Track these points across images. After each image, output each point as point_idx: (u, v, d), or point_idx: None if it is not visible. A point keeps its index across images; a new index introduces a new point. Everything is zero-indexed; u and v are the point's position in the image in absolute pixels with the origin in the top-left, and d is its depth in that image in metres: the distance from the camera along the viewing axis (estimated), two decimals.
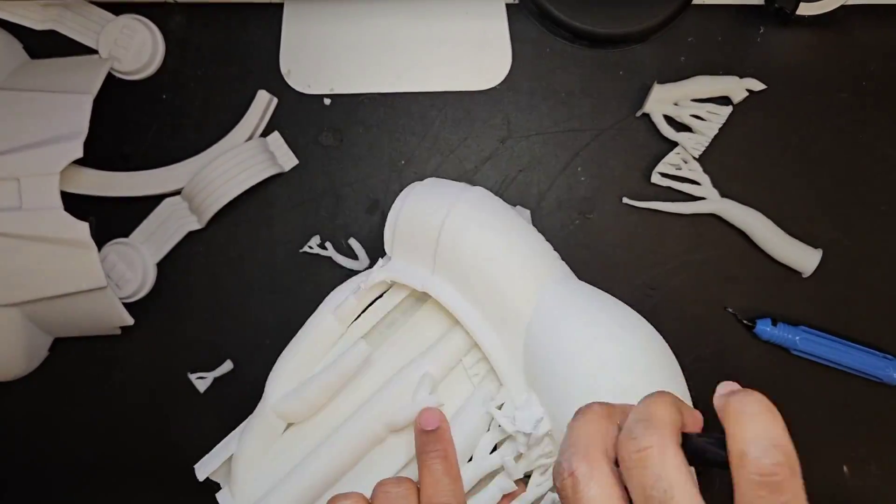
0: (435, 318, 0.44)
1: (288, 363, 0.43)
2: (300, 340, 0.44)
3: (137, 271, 0.51)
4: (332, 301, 0.44)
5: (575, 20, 0.53)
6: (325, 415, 0.43)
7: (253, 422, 0.43)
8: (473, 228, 0.41)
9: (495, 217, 0.41)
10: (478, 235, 0.40)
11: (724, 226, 0.54)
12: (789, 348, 0.53)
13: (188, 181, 0.52)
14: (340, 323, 0.44)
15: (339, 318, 0.44)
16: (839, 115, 0.55)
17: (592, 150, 0.55)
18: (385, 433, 0.42)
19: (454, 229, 0.40)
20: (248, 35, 0.55)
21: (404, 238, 0.42)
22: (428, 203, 0.42)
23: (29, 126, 0.47)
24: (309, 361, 0.43)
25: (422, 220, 0.41)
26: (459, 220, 0.41)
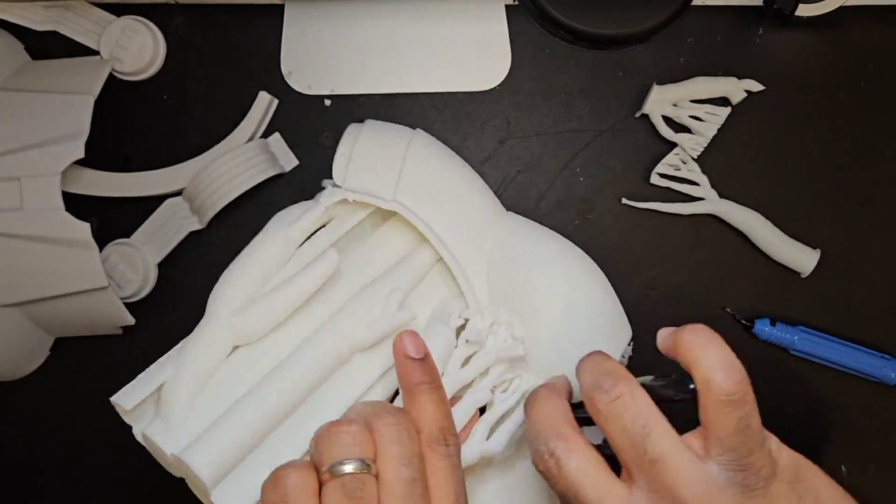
0: (396, 238, 0.43)
1: (236, 279, 0.39)
2: (248, 257, 0.40)
3: (139, 271, 0.52)
4: (283, 220, 0.42)
5: (574, 21, 0.53)
6: (280, 335, 0.39)
7: (194, 343, 0.38)
8: (439, 152, 0.43)
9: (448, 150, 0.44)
10: (444, 159, 0.43)
11: (723, 226, 0.54)
12: (788, 348, 0.53)
13: (189, 182, 0.52)
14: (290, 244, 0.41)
15: (292, 237, 0.41)
16: (838, 116, 0.55)
17: (592, 150, 0.55)
18: (349, 353, 0.39)
19: (421, 152, 0.42)
20: (249, 36, 0.55)
21: (362, 163, 0.41)
22: (388, 131, 0.43)
23: (30, 127, 0.47)
24: (256, 280, 0.39)
25: (385, 144, 0.42)
26: (422, 147, 0.43)
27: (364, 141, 0.43)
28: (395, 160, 0.42)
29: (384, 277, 0.42)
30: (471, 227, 0.42)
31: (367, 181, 0.41)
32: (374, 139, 0.43)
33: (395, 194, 0.41)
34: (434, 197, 0.41)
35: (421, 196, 0.41)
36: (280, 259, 0.40)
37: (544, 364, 0.41)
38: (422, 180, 0.42)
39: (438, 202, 0.41)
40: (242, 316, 0.38)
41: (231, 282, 0.39)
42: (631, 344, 0.44)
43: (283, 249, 0.40)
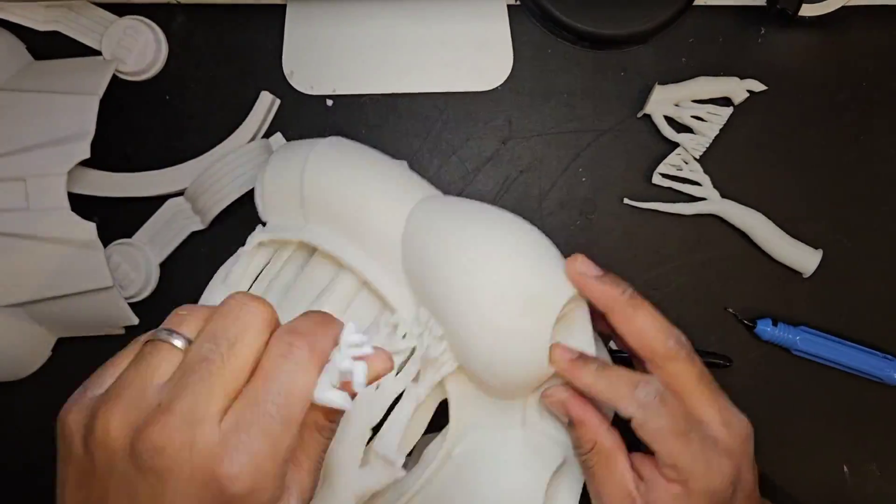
0: (321, 266, 0.43)
1: None
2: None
3: (141, 271, 0.52)
4: (220, 274, 0.43)
5: (576, 21, 0.53)
6: None
7: None
8: (330, 170, 0.42)
9: (349, 156, 0.42)
10: (335, 175, 0.41)
11: (725, 226, 0.54)
12: (790, 348, 0.53)
13: (191, 182, 0.52)
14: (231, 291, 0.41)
15: (230, 287, 0.42)
16: (840, 116, 0.55)
17: (593, 150, 0.55)
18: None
19: (313, 177, 0.41)
20: (251, 36, 0.55)
21: (272, 200, 0.42)
22: (285, 161, 0.43)
23: (35, 127, 0.47)
24: None
25: (283, 177, 0.42)
26: (316, 167, 0.42)
27: (269, 172, 0.42)
28: (295, 186, 0.41)
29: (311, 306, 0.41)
30: (378, 238, 0.41)
31: (278, 216, 0.42)
32: (276, 167, 0.42)
33: (305, 222, 0.41)
34: (337, 217, 0.41)
35: (324, 219, 0.41)
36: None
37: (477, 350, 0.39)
38: (322, 202, 0.41)
39: (342, 221, 0.41)
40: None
41: None
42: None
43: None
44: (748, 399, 0.54)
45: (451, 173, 0.55)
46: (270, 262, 0.45)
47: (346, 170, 0.41)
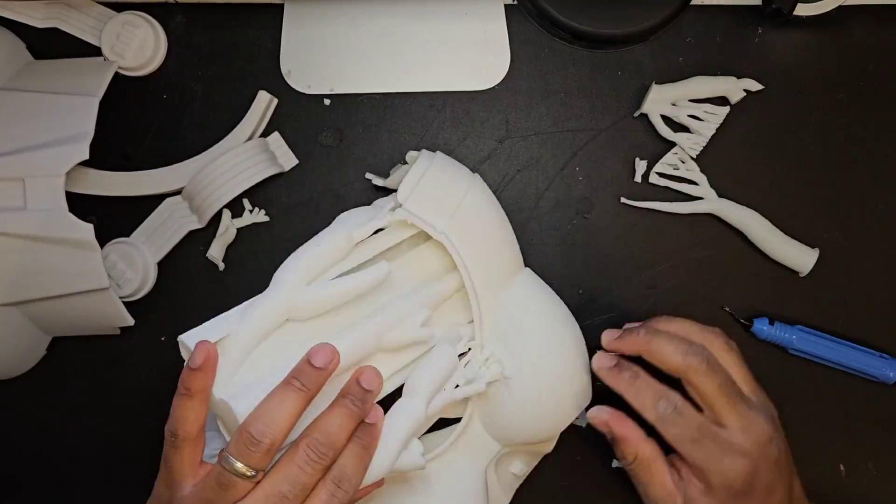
0: (431, 259, 0.49)
1: (301, 262, 0.44)
2: (315, 246, 0.45)
3: (138, 270, 0.52)
4: (348, 221, 0.47)
5: (573, 21, 0.53)
6: (325, 319, 0.44)
7: (257, 307, 0.43)
8: (490, 202, 0.49)
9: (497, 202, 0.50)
10: (492, 209, 0.49)
11: (722, 225, 0.54)
12: (786, 347, 0.54)
13: (189, 181, 0.52)
14: (351, 242, 0.46)
15: (354, 237, 0.46)
16: (836, 116, 0.55)
17: (590, 150, 0.55)
18: (374, 350, 0.44)
19: (477, 197, 0.48)
20: (249, 35, 0.55)
21: (426, 192, 0.47)
22: (455, 169, 0.49)
23: (34, 127, 0.47)
24: (319, 267, 0.45)
25: (449, 180, 0.48)
26: (480, 192, 0.49)
27: (434, 172, 0.48)
28: (454, 198, 0.47)
29: (417, 291, 0.47)
30: (495, 273, 0.48)
31: (426, 208, 0.47)
32: (442, 173, 0.48)
33: (446, 227, 0.47)
34: (475, 240, 0.48)
35: (465, 235, 0.47)
36: (341, 253, 0.45)
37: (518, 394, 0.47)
38: (470, 222, 0.47)
39: (477, 245, 0.48)
40: (301, 294, 0.43)
41: (298, 262, 0.44)
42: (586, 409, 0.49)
43: (344, 245, 0.46)
44: None
45: None
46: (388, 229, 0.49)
47: (496, 210, 0.50)
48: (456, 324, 0.49)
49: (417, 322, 0.45)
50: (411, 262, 0.49)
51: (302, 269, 0.44)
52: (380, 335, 0.44)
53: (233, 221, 0.54)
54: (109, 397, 0.54)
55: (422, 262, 0.49)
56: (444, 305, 0.49)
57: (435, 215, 0.47)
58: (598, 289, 0.54)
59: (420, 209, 0.47)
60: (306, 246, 0.45)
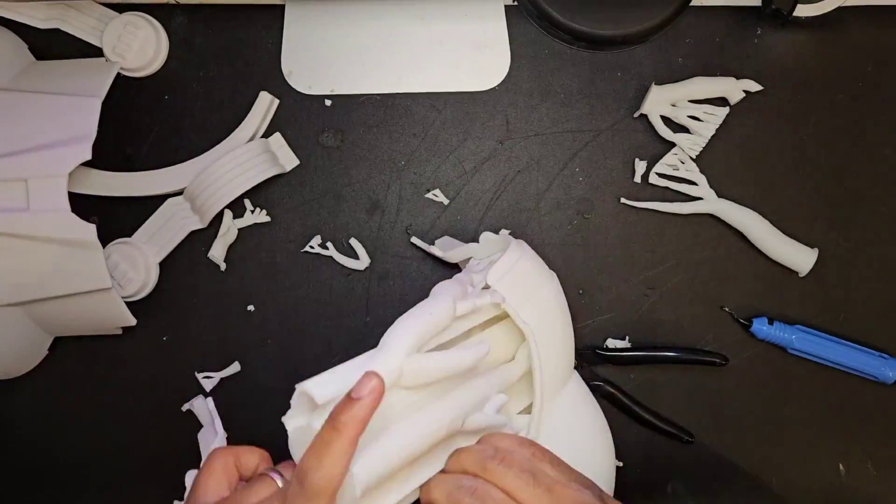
0: (501, 342, 0.49)
1: (416, 328, 0.43)
2: (428, 314, 0.44)
3: (140, 271, 0.52)
4: (451, 292, 0.47)
5: (573, 22, 0.53)
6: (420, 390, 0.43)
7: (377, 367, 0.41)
8: (563, 301, 0.50)
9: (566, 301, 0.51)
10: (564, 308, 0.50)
11: (721, 225, 0.54)
12: (785, 347, 0.54)
13: (190, 181, 0.52)
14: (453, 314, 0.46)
15: (458, 311, 0.46)
16: (836, 116, 0.55)
17: (590, 150, 0.55)
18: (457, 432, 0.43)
19: (553, 292, 0.50)
20: (250, 36, 0.55)
21: (515, 279, 0.48)
22: (538, 262, 0.50)
23: (37, 128, 0.47)
24: (428, 335, 0.44)
25: (534, 273, 0.49)
26: (556, 289, 0.50)
27: (523, 263, 0.49)
28: (537, 292, 0.49)
29: (490, 374, 0.47)
30: (558, 373, 0.49)
31: (514, 297, 0.48)
32: (530, 264, 0.50)
33: (529, 317, 0.48)
34: (549, 336, 0.48)
35: (544, 328, 0.48)
36: (446, 323, 0.45)
37: None
38: (548, 317, 0.49)
39: (550, 341, 0.48)
40: (411, 365, 0.42)
41: (412, 329, 0.43)
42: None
43: (450, 317, 0.45)
44: (744, 398, 0.54)
45: (448, 173, 0.55)
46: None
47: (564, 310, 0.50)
48: (509, 414, 0.48)
49: (495, 407, 0.45)
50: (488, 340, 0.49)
51: (415, 336, 0.43)
52: (467, 415, 0.43)
53: (234, 222, 0.54)
54: (111, 397, 0.54)
55: (495, 343, 0.49)
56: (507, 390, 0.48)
57: (520, 304, 0.47)
58: (598, 289, 0.54)
59: (506, 293, 0.47)
60: (418, 313, 0.44)
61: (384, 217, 0.54)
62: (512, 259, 0.49)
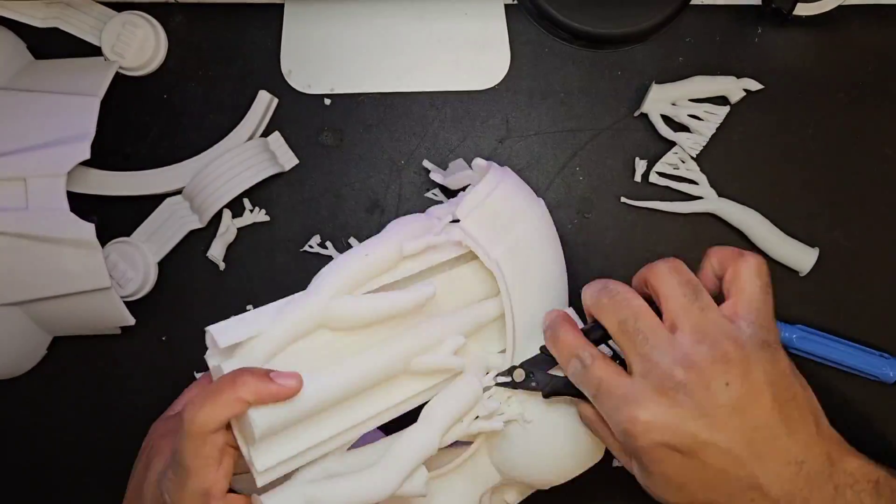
0: (471, 282, 0.47)
1: (347, 270, 0.42)
2: (363, 255, 0.43)
3: (139, 270, 0.52)
4: (400, 231, 0.45)
5: (573, 21, 0.53)
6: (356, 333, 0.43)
7: (292, 309, 0.41)
8: (549, 234, 0.47)
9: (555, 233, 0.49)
10: (551, 242, 0.47)
11: (722, 225, 0.54)
12: (786, 347, 0.54)
13: (189, 181, 0.52)
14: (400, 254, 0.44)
15: (405, 250, 0.44)
16: (836, 115, 0.55)
17: (591, 149, 0.55)
18: (401, 372, 0.43)
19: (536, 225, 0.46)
20: (249, 35, 0.55)
21: (486, 213, 0.45)
22: (521, 193, 0.47)
23: (35, 127, 0.47)
24: (363, 277, 0.43)
25: (512, 205, 0.46)
26: (542, 220, 0.47)
27: (500, 193, 0.46)
28: (514, 224, 0.45)
29: (454, 315, 0.45)
30: (538, 311, 0.45)
31: (483, 231, 0.44)
32: (508, 195, 0.46)
33: (500, 256, 0.44)
34: (527, 272, 0.45)
35: (518, 267, 0.45)
36: (388, 266, 0.44)
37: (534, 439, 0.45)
38: (524, 253, 0.45)
39: (528, 279, 0.45)
40: (339, 304, 0.41)
41: (342, 271, 0.42)
42: None
43: (394, 258, 0.44)
44: None
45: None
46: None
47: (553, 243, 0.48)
48: (486, 353, 0.46)
49: (450, 349, 0.43)
50: (452, 280, 0.46)
51: (345, 278, 0.42)
52: (409, 358, 0.42)
53: (233, 221, 0.54)
54: (110, 397, 0.54)
55: (463, 282, 0.47)
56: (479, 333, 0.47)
57: (491, 241, 0.44)
58: None
59: (477, 231, 0.44)
60: (354, 253, 0.43)
61: (384, 216, 0.54)
62: (485, 191, 0.45)
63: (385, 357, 0.42)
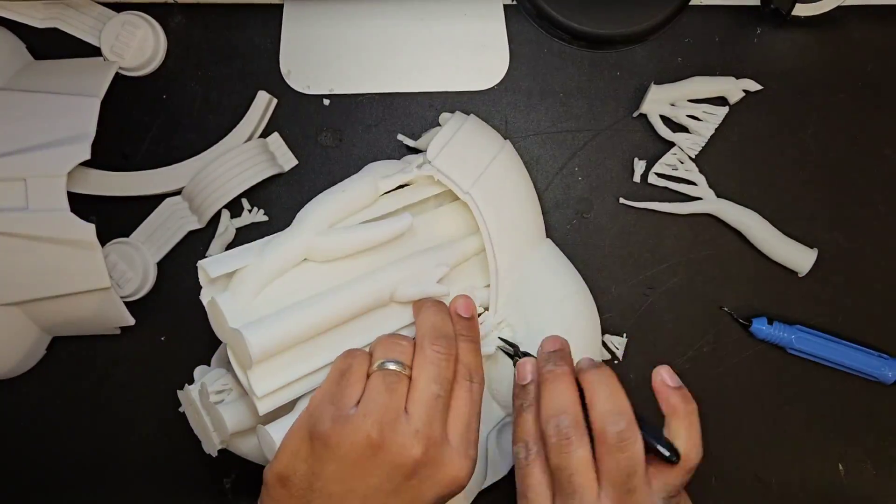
0: (454, 219, 0.50)
1: (326, 205, 0.45)
2: (340, 191, 0.46)
3: (138, 270, 0.52)
4: (376, 171, 0.48)
5: (572, 21, 0.53)
6: (343, 264, 0.45)
7: (277, 244, 0.44)
8: (519, 169, 0.50)
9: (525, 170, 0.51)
10: (520, 176, 0.50)
11: (721, 225, 0.54)
12: (785, 347, 0.54)
13: (189, 181, 0.52)
14: (377, 192, 0.47)
15: (381, 187, 0.47)
16: (835, 116, 0.55)
17: (590, 150, 0.55)
18: (388, 300, 0.45)
19: (506, 163, 0.49)
20: (248, 36, 0.55)
21: (455, 151, 0.48)
22: (487, 133, 0.50)
23: (35, 127, 0.47)
24: (342, 212, 0.46)
25: (479, 143, 0.49)
26: (509, 157, 0.49)
27: (465, 133, 0.49)
28: (484, 160, 0.48)
29: (437, 249, 0.47)
30: (517, 241, 0.49)
31: (454, 167, 0.47)
32: (473, 134, 0.49)
33: (472, 188, 0.47)
34: (501, 204, 0.48)
35: (491, 199, 0.47)
36: (365, 201, 0.47)
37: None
38: (497, 187, 0.48)
39: (502, 210, 0.48)
40: (322, 238, 0.44)
41: (322, 206, 0.45)
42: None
43: (370, 194, 0.47)
44: (743, 398, 0.54)
45: None
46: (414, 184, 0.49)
47: (524, 178, 0.50)
48: (472, 286, 0.49)
49: (434, 278, 0.46)
50: (435, 219, 0.49)
51: (325, 212, 0.45)
52: (394, 287, 0.45)
53: (232, 221, 0.54)
54: (109, 397, 0.54)
55: (445, 221, 0.50)
56: (462, 266, 0.49)
57: (462, 176, 0.47)
58: (598, 289, 0.54)
59: (448, 168, 0.47)
60: (332, 190, 0.46)
61: None
62: (449, 132, 0.48)
63: (369, 286, 0.44)
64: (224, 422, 0.44)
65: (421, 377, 0.40)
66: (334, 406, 0.39)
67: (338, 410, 0.39)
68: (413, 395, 0.40)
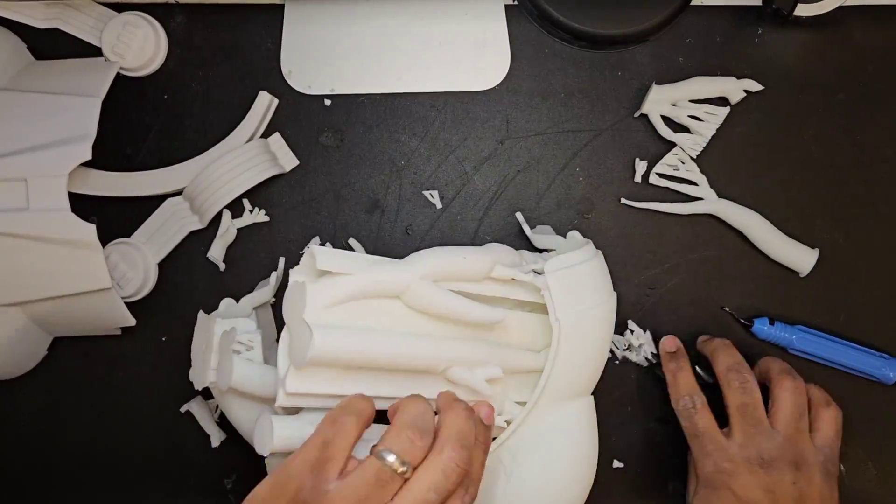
0: (528, 330, 0.50)
1: (443, 260, 0.46)
2: (461, 257, 0.46)
3: (139, 271, 0.52)
4: (497, 254, 0.48)
5: (574, 21, 0.53)
6: (420, 318, 0.45)
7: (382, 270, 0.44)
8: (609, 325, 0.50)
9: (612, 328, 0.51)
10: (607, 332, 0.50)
11: (722, 226, 0.54)
12: (786, 347, 0.54)
13: (190, 182, 0.52)
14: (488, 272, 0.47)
15: (494, 273, 0.47)
16: (837, 116, 0.55)
17: (591, 150, 0.55)
18: (436, 373, 0.45)
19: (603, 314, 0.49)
20: (249, 36, 0.55)
21: (571, 279, 0.48)
22: (604, 277, 0.50)
23: (36, 127, 0.47)
24: (452, 274, 0.46)
25: (594, 284, 0.49)
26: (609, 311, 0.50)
27: (587, 267, 0.49)
28: (588, 302, 0.48)
29: (502, 348, 0.48)
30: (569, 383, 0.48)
31: (562, 293, 0.47)
32: (593, 273, 0.49)
33: (565, 318, 0.47)
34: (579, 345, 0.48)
35: (574, 336, 0.48)
36: (476, 277, 0.47)
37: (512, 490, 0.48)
38: (584, 329, 0.48)
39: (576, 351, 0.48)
40: (422, 286, 0.44)
41: (439, 259, 0.46)
42: None
43: (483, 272, 0.47)
44: None
45: (448, 173, 0.55)
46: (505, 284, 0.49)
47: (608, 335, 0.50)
48: (505, 396, 0.48)
49: (485, 375, 0.46)
50: (514, 320, 0.49)
51: (439, 266, 0.45)
52: (449, 365, 0.45)
53: (233, 222, 0.54)
54: (110, 397, 0.54)
55: (522, 326, 0.50)
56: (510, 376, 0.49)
57: (564, 304, 0.47)
58: None
59: (557, 290, 0.47)
60: (454, 250, 0.47)
61: (384, 217, 0.54)
62: (575, 259, 0.49)
63: (435, 350, 0.44)
64: (232, 374, 0.44)
65: (425, 480, 0.37)
66: (314, 476, 0.37)
67: (317, 483, 0.37)
68: (405, 493, 0.37)
